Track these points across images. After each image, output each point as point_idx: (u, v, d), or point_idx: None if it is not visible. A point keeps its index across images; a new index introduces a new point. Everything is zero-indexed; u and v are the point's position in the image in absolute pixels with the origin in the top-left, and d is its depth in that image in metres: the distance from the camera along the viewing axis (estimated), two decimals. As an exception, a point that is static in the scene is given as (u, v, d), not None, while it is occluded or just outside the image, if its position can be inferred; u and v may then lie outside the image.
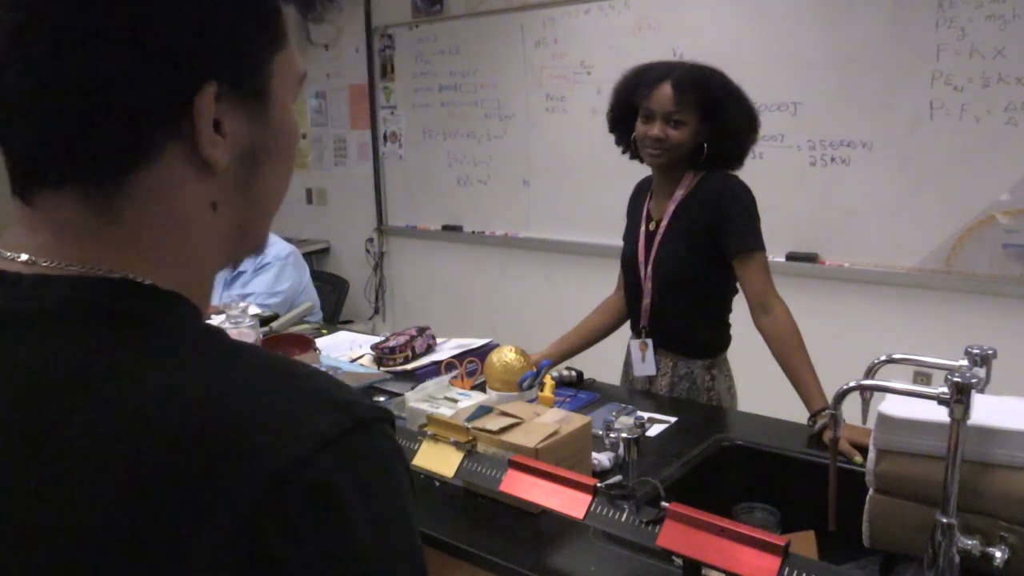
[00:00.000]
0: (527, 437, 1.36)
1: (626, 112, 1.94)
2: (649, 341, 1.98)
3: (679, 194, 1.92)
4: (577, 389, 1.96)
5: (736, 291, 1.94)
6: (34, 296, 0.49)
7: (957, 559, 1.05)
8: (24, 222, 0.52)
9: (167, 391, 0.46)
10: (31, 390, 0.47)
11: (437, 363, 2.05)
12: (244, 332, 1.92)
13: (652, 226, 1.97)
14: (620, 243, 2.13)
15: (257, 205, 0.57)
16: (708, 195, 1.88)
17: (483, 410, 1.47)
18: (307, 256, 3.71)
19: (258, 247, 0.60)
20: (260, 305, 2.72)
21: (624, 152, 2.01)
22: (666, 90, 1.82)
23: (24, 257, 0.50)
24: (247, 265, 2.94)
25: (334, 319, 3.48)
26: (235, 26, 0.50)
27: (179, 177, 0.51)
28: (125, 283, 0.50)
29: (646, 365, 1.98)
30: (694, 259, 1.89)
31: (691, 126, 1.84)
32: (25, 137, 0.49)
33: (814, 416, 1.65)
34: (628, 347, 2.11)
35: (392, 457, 0.50)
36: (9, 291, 0.49)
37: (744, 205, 1.85)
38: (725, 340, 2.00)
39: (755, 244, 1.83)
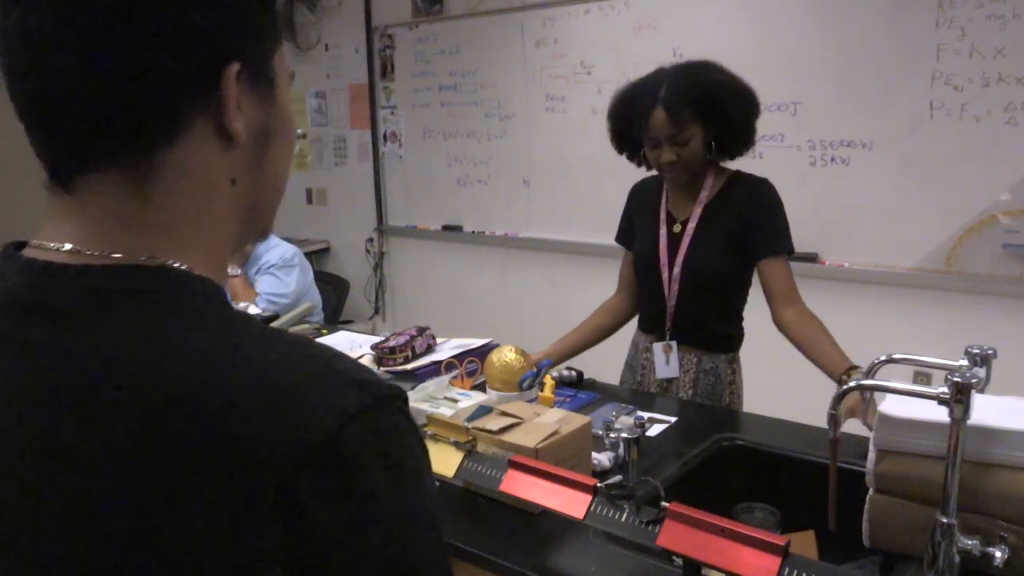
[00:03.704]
0: (527, 437, 1.36)
1: (627, 133, 1.92)
2: (673, 343, 1.96)
3: (704, 195, 1.91)
4: (577, 389, 1.96)
5: (751, 286, 1.95)
6: (78, 286, 0.52)
7: (957, 559, 1.05)
8: (63, 213, 0.55)
9: (205, 370, 0.50)
10: (79, 380, 0.49)
11: (437, 363, 2.05)
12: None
13: (677, 228, 1.96)
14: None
15: (267, 186, 0.62)
16: (744, 198, 1.89)
17: (483, 410, 1.47)
18: (307, 256, 3.70)
19: (264, 232, 0.66)
20: (267, 307, 2.72)
21: (640, 166, 1.98)
22: (660, 116, 1.79)
23: (68, 247, 0.53)
24: (249, 267, 2.94)
25: (334, 319, 3.48)
26: (251, 17, 0.56)
27: (205, 151, 0.56)
28: (162, 270, 0.54)
29: (670, 368, 1.97)
30: (728, 259, 1.90)
31: (697, 136, 1.82)
32: (72, 116, 0.52)
33: (847, 373, 1.58)
34: (632, 349, 2.11)
35: (408, 431, 0.55)
36: (54, 282, 0.52)
37: (778, 208, 1.88)
38: (742, 335, 2.01)
39: (789, 246, 1.88)
